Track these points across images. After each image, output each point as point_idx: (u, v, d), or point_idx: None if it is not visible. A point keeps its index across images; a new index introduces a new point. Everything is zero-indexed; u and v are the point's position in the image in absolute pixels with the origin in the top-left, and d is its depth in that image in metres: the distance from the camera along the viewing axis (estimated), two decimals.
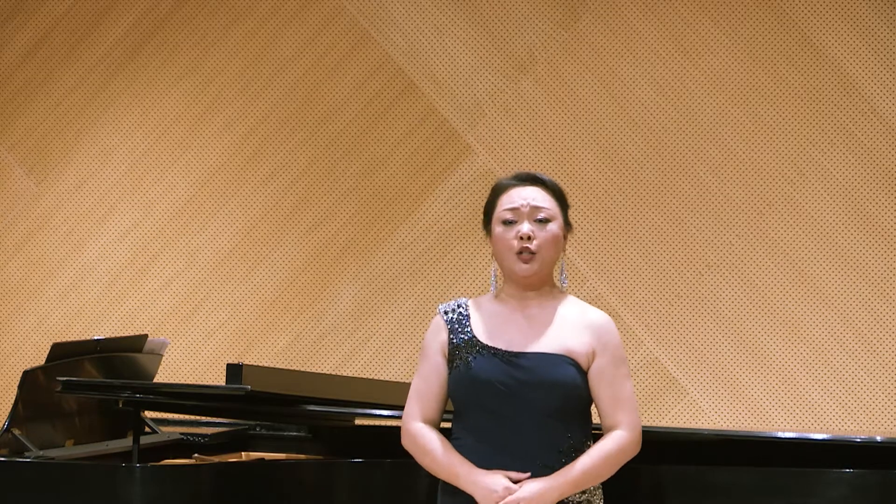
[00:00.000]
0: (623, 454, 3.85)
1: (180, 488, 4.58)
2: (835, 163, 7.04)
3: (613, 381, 3.85)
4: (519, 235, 3.89)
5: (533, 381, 3.81)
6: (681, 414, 7.09)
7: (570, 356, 3.84)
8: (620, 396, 3.85)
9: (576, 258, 7.24)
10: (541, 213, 3.92)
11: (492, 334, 3.89)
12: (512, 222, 3.91)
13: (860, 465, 4.37)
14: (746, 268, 7.09)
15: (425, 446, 3.90)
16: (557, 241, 3.93)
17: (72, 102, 7.90)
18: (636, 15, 7.26)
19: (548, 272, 3.93)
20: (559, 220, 3.96)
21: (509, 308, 3.92)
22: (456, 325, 3.92)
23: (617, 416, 3.85)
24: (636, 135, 7.25)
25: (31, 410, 5.06)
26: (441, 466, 3.87)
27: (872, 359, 6.94)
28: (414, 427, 3.92)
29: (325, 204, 7.59)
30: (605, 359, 3.86)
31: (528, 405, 3.80)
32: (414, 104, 7.50)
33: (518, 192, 3.94)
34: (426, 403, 3.93)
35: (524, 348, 3.85)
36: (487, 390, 3.83)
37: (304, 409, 4.96)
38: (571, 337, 3.86)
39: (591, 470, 3.81)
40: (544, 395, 3.80)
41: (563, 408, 3.81)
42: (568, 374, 3.82)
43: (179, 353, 7.58)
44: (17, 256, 7.91)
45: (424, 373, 3.94)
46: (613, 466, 3.85)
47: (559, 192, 3.99)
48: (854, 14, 7.04)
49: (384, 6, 7.54)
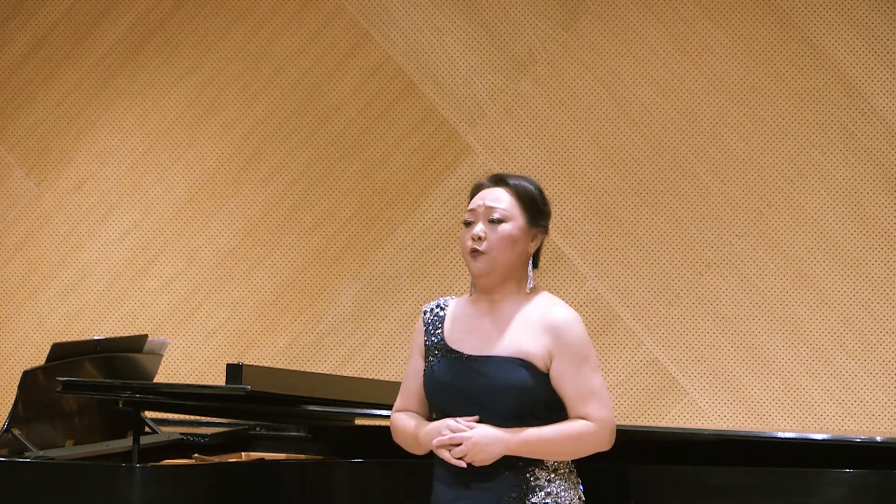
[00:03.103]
0: (586, 440, 3.80)
1: (180, 488, 4.58)
2: (835, 163, 7.04)
3: (576, 379, 3.82)
4: (471, 236, 3.89)
5: (487, 385, 3.82)
6: (681, 414, 7.09)
7: (524, 358, 3.83)
8: (585, 392, 3.81)
9: (576, 258, 7.24)
10: (494, 213, 3.91)
11: (458, 337, 3.92)
12: (470, 223, 3.93)
13: (860, 465, 4.37)
14: (746, 268, 7.09)
15: (395, 425, 3.98)
16: (511, 242, 3.89)
17: (72, 102, 7.91)
18: (636, 15, 7.26)
19: (504, 273, 3.90)
20: (517, 222, 3.91)
21: (479, 310, 3.93)
22: (430, 327, 3.96)
23: (585, 410, 3.81)
24: (636, 135, 7.25)
25: (31, 410, 5.06)
26: (407, 436, 3.94)
27: (872, 359, 6.94)
28: (392, 417, 4.01)
29: (325, 204, 7.59)
30: (565, 359, 3.82)
31: (485, 409, 3.81)
32: (414, 104, 7.50)
33: (481, 193, 3.96)
34: (408, 399, 4.00)
35: (480, 352, 3.86)
36: (447, 394, 3.87)
37: (304, 409, 4.97)
38: (528, 339, 3.85)
39: (549, 440, 3.78)
40: (499, 398, 3.81)
41: (520, 410, 3.80)
42: (519, 376, 3.81)
43: (179, 353, 7.58)
44: (17, 256, 7.91)
45: (408, 372, 4.01)
46: (574, 448, 3.81)
47: (526, 194, 3.96)
48: (854, 14, 7.04)
49: (384, 6, 7.54)
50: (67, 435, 5.25)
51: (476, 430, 3.78)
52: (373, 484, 4.61)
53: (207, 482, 4.67)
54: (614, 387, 7.13)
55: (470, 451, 3.78)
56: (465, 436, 3.78)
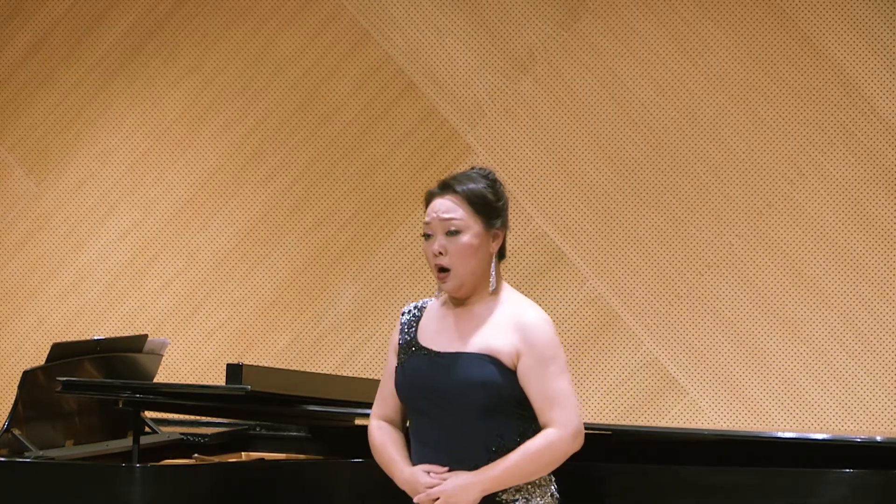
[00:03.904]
0: (552, 451, 3.81)
1: (180, 488, 4.58)
2: (835, 163, 7.04)
3: (541, 380, 3.82)
4: (432, 252, 3.89)
5: (455, 382, 3.83)
6: (681, 414, 7.09)
7: (492, 355, 3.84)
8: (551, 395, 3.82)
9: (576, 258, 7.25)
10: (450, 225, 3.88)
11: (429, 336, 3.93)
12: (429, 236, 3.91)
13: (860, 465, 4.37)
14: (746, 268, 7.09)
15: (373, 443, 4.02)
16: (472, 252, 3.87)
17: (72, 102, 7.90)
18: (636, 15, 7.26)
19: (472, 282, 3.90)
20: (474, 229, 3.87)
21: (451, 310, 3.94)
22: (406, 326, 3.97)
23: (548, 415, 3.82)
24: (636, 135, 7.25)
25: (31, 410, 5.06)
26: (383, 464, 3.99)
27: (872, 359, 6.94)
28: (370, 425, 4.03)
29: (325, 204, 7.59)
30: (531, 359, 3.83)
31: (453, 406, 3.83)
32: (414, 104, 7.50)
33: (433, 203, 3.92)
34: (384, 402, 4.02)
35: (449, 349, 3.88)
36: (417, 391, 3.89)
37: (304, 409, 4.97)
38: (497, 337, 3.86)
39: (516, 467, 3.80)
40: (467, 394, 3.82)
41: (489, 407, 3.82)
42: (486, 372, 3.83)
43: (179, 353, 7.58)
44: (17, 256, 7.91)
45: (384, 372, 4.03)
46: (543, 463, 3.82)
47: (476, 198, 3.89)
48: (854, 14, 7.04)
49: (384, 6, 7.54)
50: (67, 435, 5.25)
51: (448, 481, 3.81)
52: (373, 484, 4.60)
53: (207, 482, 4.67)
54: (614, 387, 7.13)
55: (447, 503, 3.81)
56: (438, 490, 3.81)
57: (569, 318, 7.21)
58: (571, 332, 7.19)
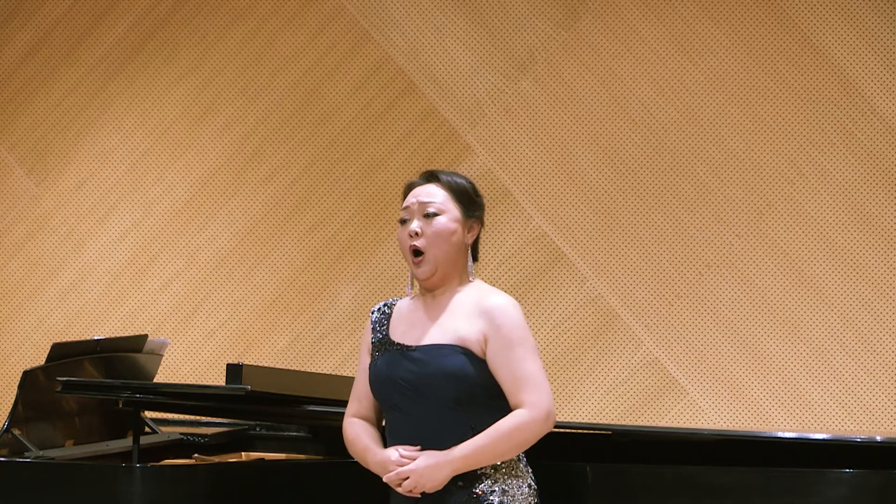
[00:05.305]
0: (521, 431, 3.83)
1: (180, 488, 4.58)
2: (835, 163, 7.04)
3: (509, 362, 3.85)
4: (408, 233, 3.95)
5: (426, 374, 3.86)
6: (681, 414, 7.09)
7: (462, 345, 3.87)
8: (520, 376, 3.84)
9: (576, 258, 7.24)
10: (429, 207, 3.99)
11: (401, 331, 3.98)
12: (405, 220, 4.01)
13: (860, 465, 4.38)
14: (746, 268, 7.09)
15: (347, 438, 4.04)
16: (449, 234, 3.95)
17: (72, 102, 7.90)
18: (636, 15, 7.26)
19: (446, 271, 3.97)
20: (452, 214, 3.97)
21: (422, 305, 4.00)
22: (377, 325, 4.03)
23: (519, 396, 3.84)
24: (636, 135, 7.25)
25: (31, 410, 5.06)
26: (358, 455, 4.01)
27: (872, 359, 6.94)
28: (343, 423, 4.06)
29: (325, 204, 7.59)
30: (499, 342, 3.86)
31: (426, 398, 3.85)
32: (414, 104, 7.50)
33: (414, 191, 4.04)
34: (359, 401, 4.06)
35: (419, 342, 3.91)
36: (390, 386, 3.92)
37: (304, 409, 4.96)
38: (464, 325, 3.89)
39: (487, 447, 3.81)
40: (439, 386, 3.85)
41: (461, 398, 3.84)
42: (457, 362, 3.85)
43: (179, 353, 7.58)
44: (17, 256, 7.91)
45: (358, 372, 4.07)
46: (515, 443, 3.83)
47: (457, 187, 4.01)
48: (854, 14, 7.04)
49: (384, 6, 7.54)
50: (67, 435, 5.25)
51: (418, 460, 3.83)
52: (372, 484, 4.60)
53: (207, 482, 4.66)
54: (614, 387, 7.13)
55: (417, 483, 3.83)
56: (408, 469, 3.83)
57: (569, 318, 7.21)
58: (571, 332, 7.19)
